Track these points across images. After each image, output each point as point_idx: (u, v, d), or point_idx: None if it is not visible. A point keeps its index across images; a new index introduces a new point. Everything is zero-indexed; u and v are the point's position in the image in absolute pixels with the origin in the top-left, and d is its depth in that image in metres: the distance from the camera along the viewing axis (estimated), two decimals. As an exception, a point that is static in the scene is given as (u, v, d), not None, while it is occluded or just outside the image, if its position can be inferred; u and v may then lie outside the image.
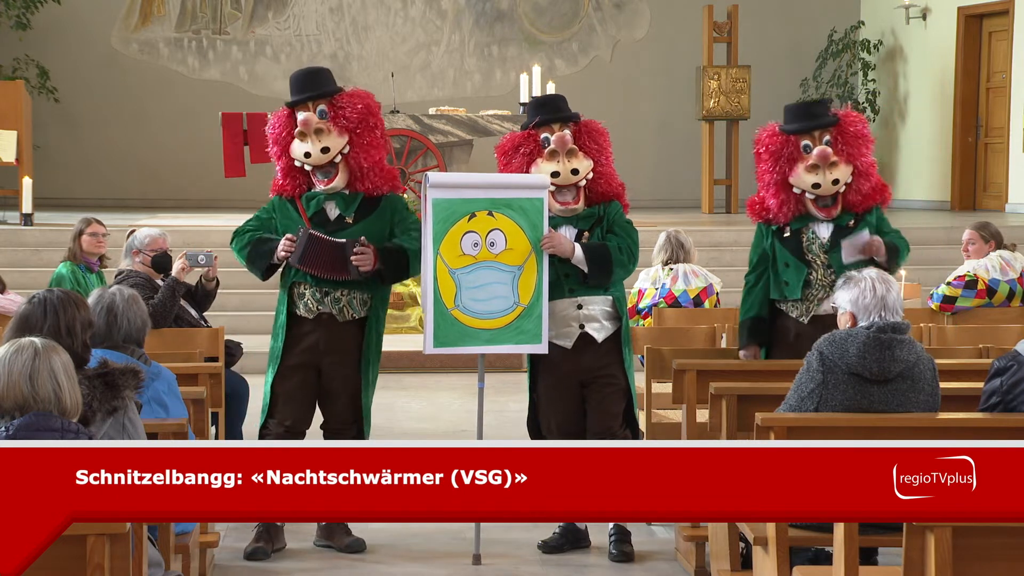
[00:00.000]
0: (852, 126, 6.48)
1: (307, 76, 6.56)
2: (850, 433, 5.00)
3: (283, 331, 6.44)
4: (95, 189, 18.61)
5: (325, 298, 6.42)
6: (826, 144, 6.40)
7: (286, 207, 6.50)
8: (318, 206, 6.44)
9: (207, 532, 5.94)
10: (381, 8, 19.57)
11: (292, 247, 6.31)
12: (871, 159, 6.54)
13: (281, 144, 6.47)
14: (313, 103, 6.44)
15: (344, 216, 6.43)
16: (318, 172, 6.42)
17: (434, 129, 15.14)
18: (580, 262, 6.30)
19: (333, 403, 6.49)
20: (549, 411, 6.45)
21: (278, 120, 6.52)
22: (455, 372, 11.12)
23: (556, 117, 6.42)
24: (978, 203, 17.88)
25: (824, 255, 6.48)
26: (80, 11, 18.70)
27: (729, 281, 10.40)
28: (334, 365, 6.44)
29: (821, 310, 6.47)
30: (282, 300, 6.48)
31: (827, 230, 6.51)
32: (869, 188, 6.51)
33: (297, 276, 6.41)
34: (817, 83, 19.40)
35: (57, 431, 3.96)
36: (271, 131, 6.54)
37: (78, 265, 8.58)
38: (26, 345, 4.03)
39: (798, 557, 5.38)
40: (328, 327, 6.42)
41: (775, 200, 6.50)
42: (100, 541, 3.76)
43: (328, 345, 6.42)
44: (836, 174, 6.39)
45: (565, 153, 6.32)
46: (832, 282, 6.43)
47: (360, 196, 6.46)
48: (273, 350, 6.47)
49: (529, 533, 6.68)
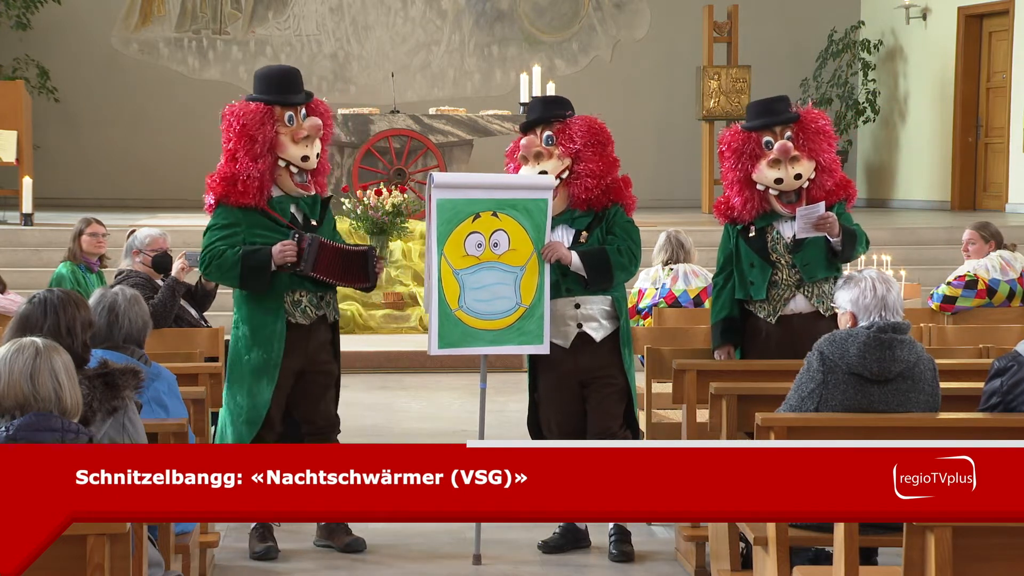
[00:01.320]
0: (813, 122, 6.46)
1: (291, 76, 6.37)
2: (850, 433, 5.00)
3: (281, 340, 6.29)
4: (95, 189, 18.61)
5: (321, 302, 6.38)
6: (787, 140, 6.39)
7: (252, 216, 6.26)
8: (287, 210, 6.33)
9: (207, 532, 5.94)
10: (381, 8, 19.58)
11: (292, 252, 6.17)
12: (834, 155, 6.53)
13: (265, 143, 6.23)
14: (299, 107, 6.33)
15: (310, 218, 6.37)
16: (299, 176, 6.31)
17: (434, 129, 15.14)
18: (579, 269, 6.30)
19: (316, 403, 6.44)
20: (549, 411, 6.45)
21: (255, 115, 6.22)
22: (455, 372, 11.12)
23: (543, 118, 6.45)
24: (978, 203, 17.88)
25: (789, 255, 6.46)
26: (80, 11, 18.70)
27: (729, 281, 10.39)
28: (321, 364, 6.42)
29: (787, 310, 6.45)
30: (274, 309, 6.28)
31: (791, 229, 6.48)
32: (832, 184, 6.48)
33: (293, 283, 6.28)
34: (817, 83, 19.41)
35: (57, 431, 3.96)
36: (248, 126, 6.20)
37: (78, 265, 8.58)
38: (27, 345, 4.03)
39: (798, 557, 5.38)
40: (316, 330, 6.39)
41: (739, 198, 6.47)
42: (100, 541, 3.76)
43: (315, 346, 6.39)
44: (798, 169, 6.37)
45: (535, 156, 6.35)
46: (798, 282, 6.42)
47: (318, 198, 6.43)
48: (268, 361, 6.27)
49: (529, 533, 6.68)
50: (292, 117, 6.29)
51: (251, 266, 6.20)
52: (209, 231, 6.31)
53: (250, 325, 6.32)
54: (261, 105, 6.26)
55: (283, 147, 6.26)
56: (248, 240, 6.24)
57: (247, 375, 6.30)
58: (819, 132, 6.45)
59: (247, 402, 6.31)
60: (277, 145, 6.25)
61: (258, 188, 6.22)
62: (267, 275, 6.21)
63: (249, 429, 6.31)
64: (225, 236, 6.25)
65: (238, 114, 6.25)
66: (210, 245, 6.27)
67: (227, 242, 6.24)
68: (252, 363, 6.30)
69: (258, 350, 6.30)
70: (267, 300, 6.29)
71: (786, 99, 6.58)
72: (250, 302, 6.34)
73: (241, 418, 6.32)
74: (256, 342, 6.30)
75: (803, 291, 6.42)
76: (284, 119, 6.27)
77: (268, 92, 6.31)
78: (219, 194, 6.27)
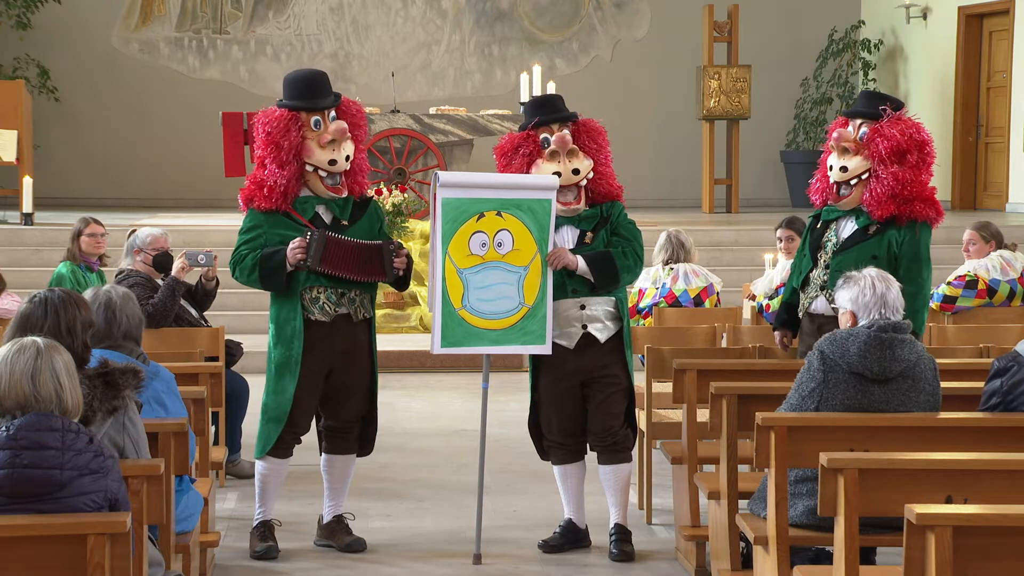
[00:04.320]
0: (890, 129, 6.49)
1: (317, 81, 6.40)
2: (850, 433, 5.00)
3: (300, 338, 6.28)
4: (95, 189, 18.60)
5: (342, 299, 6.34)
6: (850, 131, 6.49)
7: (277, 218, 6.32)
8: (312, 210, 6.35)
9: (207, 532, 5.94)
10: (381, 7, 19.57)
11: (301, 249, 6.17)
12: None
13: (291, 149, 6.27)
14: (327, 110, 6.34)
15: (340, 219, 6.38)
16: (328, 179, 6.33)
17: (434, 128, 15.14)
18: (585, 273, 6.30)
19: (343, 402, 6.41)
20: (550, 411, 6.45)
21: (280, 122, 6.30)
22: (456, 372, 11.12)
23: (555, 117, 6.41)
24: (978, 203, 17.87)
25: (830, 256, 6.48)
26: (80, 11, 18.69)
27: (729, 281, 10.42)
28: (350, 364, 6.37)
29: (812, 308, 6.50)
30: (293, 307, 6.30)
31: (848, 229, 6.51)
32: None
33: (309, 280, 6.28)
34: (817, 83, 19.40)
35: (58, 431, 3.96)
36: (273, 134, 6.29)
37: (78, 265, 8.58)
38: (28, 344, 4.04)
39: (798, 557, 5.38)
40: (343, 328, 6.35)
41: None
42: (100, 541, 3.76)
43: (344, 345, 6.35)
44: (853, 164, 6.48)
45: (566, 153, 6.32)
46: (823, 283, 6.44)
47: (351, 199, 6.43)
48: (289, 358, 6.29)
49: (530, 533, 6.68)
50: (319, 121, 6.31)
51: (268, 268, 6.27)
52: (239, 236, 6.43)
53: (275, 323, 6.39)
54: (286, 112, 6.32)
55: (310, 152, 6.29)
56: (270, 241, 6.31)
57: (273, 373, 6.36)
58: (893, 136, 6.41)
59: (272, 400, 6.35)
60: (304, 150, 6.29)
61: (282, 194, 6.30)
62: (283, 276, 6.26)
63: (275, 427, 6.33)
64: (249, 240, 6.36)
65: (264, 122, 6.34)
66: (236, 250, 6.40)
67: (250, 246, 6.34)
68: (276, 360, 6.35)
69: (281, 347, 6.34)
70: (288, 298, 6.34)
71: (871, 93, 6.66)
72: (275, 301, 6.42)
73: (267, 415, 6.38)
74: (279, 340, 6.35)
75: (825, 294, 6.43)
76: (311, 124, 6.31)
77: (293, 98, 6.35)
78: (246, 198, 6.40)
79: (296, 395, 6.30)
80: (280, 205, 6.31)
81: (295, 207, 6.34)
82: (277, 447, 6.36)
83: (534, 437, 6.57)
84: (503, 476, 7.89)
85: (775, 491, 5.02)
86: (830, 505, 4.49)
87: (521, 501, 7.39)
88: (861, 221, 6.48)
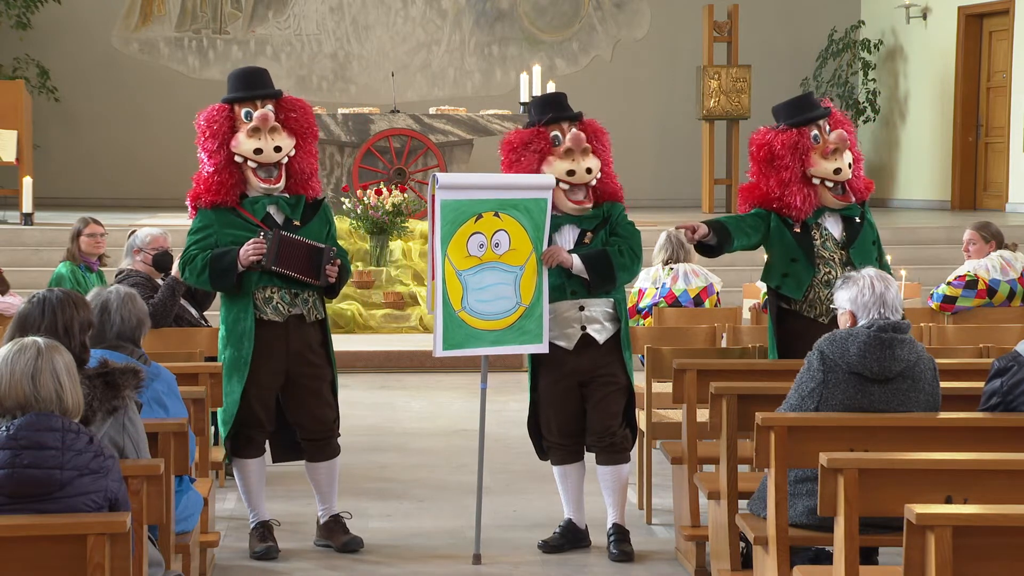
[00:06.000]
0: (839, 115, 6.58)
1: (254, 74, 6.48)
2: (850, 433, 5.00)
3: (250, 338, 6.28)
4: (95, 189, 18.61)
5: (296, 300, 6.35)
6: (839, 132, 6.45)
7: (225, 216, 6.31)
8: (263, 210, 6.34)
9: (207, 532, 5.94)
10: (381, 7, 19.57)
11: (261, 250, 6.17)
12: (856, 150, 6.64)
13: (220, 138, 6.30)
14: (261, 101, 6.36)
15: (292, 219, 6.36)
16: (260, 171, 6.31)
17: (434, 129, 15.14)
18: (581, 272, 6.30)
19: (310, 406, 6.39)
20: (549, 411, 6.45)
21: (215, 114, 6.34)
22: (456, 372, 11.12)
23: (566, 115, 6.42)
24: (978, 203, 17.88)
25: (841, 251, 6.44)
26: (80, 11, 18.70)
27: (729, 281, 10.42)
28: (306, 363, 6.37)
29: None
30: (244, 307, 6.29)
31: (838, 225, 6.49)
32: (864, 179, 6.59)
33: (263, 280, 6.27)
34: (817, 83, 19.39)
35: (58, 431, 3.96)
36: (207, 124, 6.31)
37: (78, 265, 8.58)
38: (29, 345, 4.03)
39: (798, 557, 5.38)
40: (296, 329, 6.35)
41: (799, 196, 6.37)
42: (100, 541, 3.76)
43: (298, 345, 6.35)
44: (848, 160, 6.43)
45: (580, 151, 6.32)
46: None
47: (303, 199, 6.41)
48: (238, 359, 6.28)
49: (529, 533, 6.68)
50: (249, 113, 6.33)
51: (218, 268, 6.26)
52: (188, 236, 6.41)
53: (225, 324, 6.39)
54: (221, 105, 6.38)
55: (237, 142, 6.30)
56: (221, 241, 6.30)
57: (224, 373, 6.35)
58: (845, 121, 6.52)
59: (225, 400, 6.36)
60: (233, 141, 6.31)
61: (218, 184, 6.29)
62: (234, 276, 6.25)
63: (224, 428, 6.38)
64: (198, 240, 6.34)
65: (203, 118, 6.38)
66: (185, 250, 6.38)
67: (199, 246, 6.32)
68: (227, 361, 6.34)
69: (231, 348, 6.34)
70: (238, 298, 6.33)
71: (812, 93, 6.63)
72: (226, 301, 6.40)
73: (220, 418, 6.42)
74: (230, 340, 6.35)
75: None
76: (241, 115, 6.34)
77: (229, 92, 6.43)
78: (193, 197, 6.40)
79: (248, 395, 6.30)
80: (223, 198, 6.30)
81: (245, 207, 6.33)
82: (242, 447, 6.39)
83: (533, 437, 6.57)
84: (503, 476, 7.89)
85: (775, 491, 5.02)
86: (830, 505, 4.49)
87: (521, 501, 7.39)
88: (851, 211, 6.49)
